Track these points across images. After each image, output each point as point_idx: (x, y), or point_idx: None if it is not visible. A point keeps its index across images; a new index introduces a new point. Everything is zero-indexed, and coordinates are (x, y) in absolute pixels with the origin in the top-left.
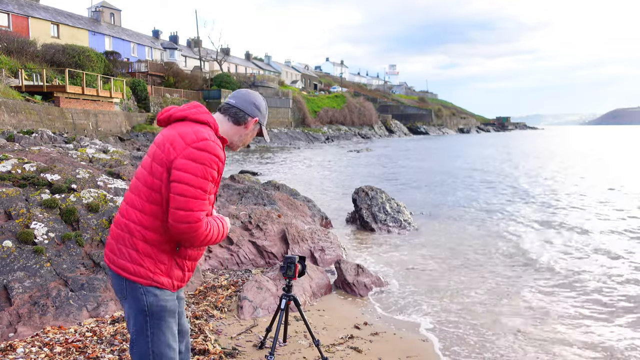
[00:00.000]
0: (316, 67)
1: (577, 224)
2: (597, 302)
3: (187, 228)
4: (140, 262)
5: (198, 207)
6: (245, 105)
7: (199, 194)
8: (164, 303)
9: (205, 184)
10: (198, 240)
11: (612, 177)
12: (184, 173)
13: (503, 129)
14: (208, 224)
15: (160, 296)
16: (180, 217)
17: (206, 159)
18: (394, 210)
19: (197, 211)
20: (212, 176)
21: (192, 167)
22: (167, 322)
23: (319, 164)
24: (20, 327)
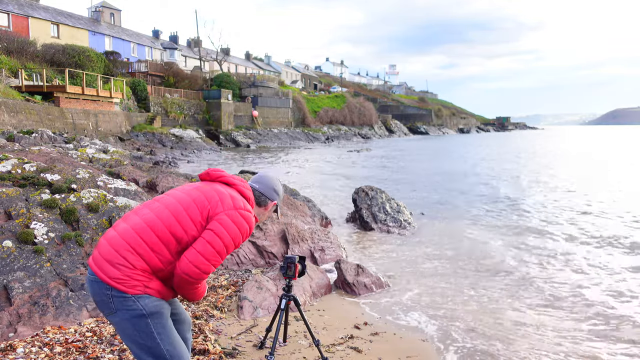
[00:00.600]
0: (316, 67)
1: (577, 224)
2: (603, 302)
3: (195, 273)
4: (134, 277)
5: (215, 261)
6: (267, 191)
7: (223, 251)
8: (159, 302)
9: (231, 246)
10: (190, 288)
11: (614, 180)
12: (222, 228)
13: (503, 129)
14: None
15: (151, 301)
16: (197, 261)
17: (243, 226)
18: (394, 210)
19: (211, 264)
20: (239, 243)
21: (230, 227)
22: (167, 320)
23: (319, 164)
24: (20, 327)
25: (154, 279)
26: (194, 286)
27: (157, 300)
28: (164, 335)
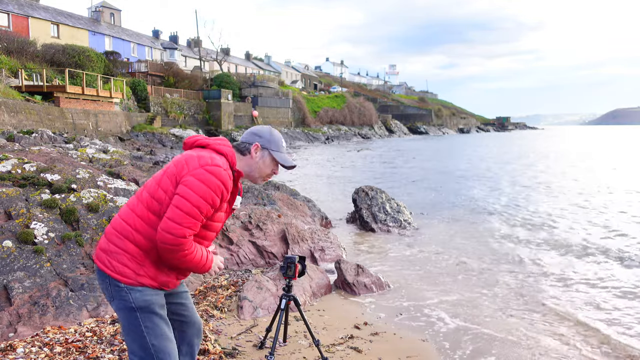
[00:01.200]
0: (316, 67)
1: (578, 223)
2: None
3: (170, 240)
4: (126, 263)
5: (188, 223)
6: (247, 137)
7: (194, 212)
8: (149, 297)
9: (204, 205)
10: (176, 256)
11: (613, 179)
12: (188, 189)
13: (503, 129)
14: (193, 246)
15: (142, 295)
16: (168, 227)
17: (212, 182)
18: (394, 210)
19: (185, 227)
20: (213, 201)
21: (197, 185)
22: (158, 315)
23: (319, 164)
24: (20, 327)
25: (147, 262)
26: (178, 254)
27: (149, 294)
28: (150, 330)
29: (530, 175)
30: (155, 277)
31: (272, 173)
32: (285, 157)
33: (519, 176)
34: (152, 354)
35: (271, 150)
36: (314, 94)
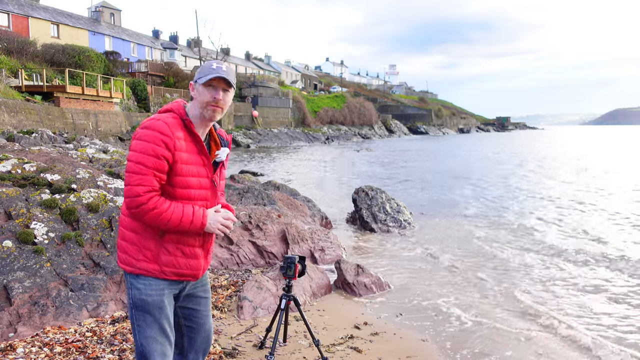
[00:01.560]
0: (316, 67)
1: (577, 223)
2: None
3: (129, 202)
4: (126, 251)
5: (136, 181)
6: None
7: (139, 169)
8: (146, 297)
9: (146, 159)
10: (146, 217)
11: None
12: (130, 152)
13: (503, 129)
14: (164, 204)
15: (143, 290)
16: (125, 193)
17: (148, 135)
18: (394, 210)
19: (135, 185)
20: (154, 151)
21: (135, 145)
22: (152, 316)
23: (319, 164)
24: (20, 327)
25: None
26: (147, 215)
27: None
28: (142, 328)
29: (531, 176)
30: (157, 258)
31: (213, 98)
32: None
33: (520, 177)
34: (139, 352)
35: (198, 80)
36: (314, 94)
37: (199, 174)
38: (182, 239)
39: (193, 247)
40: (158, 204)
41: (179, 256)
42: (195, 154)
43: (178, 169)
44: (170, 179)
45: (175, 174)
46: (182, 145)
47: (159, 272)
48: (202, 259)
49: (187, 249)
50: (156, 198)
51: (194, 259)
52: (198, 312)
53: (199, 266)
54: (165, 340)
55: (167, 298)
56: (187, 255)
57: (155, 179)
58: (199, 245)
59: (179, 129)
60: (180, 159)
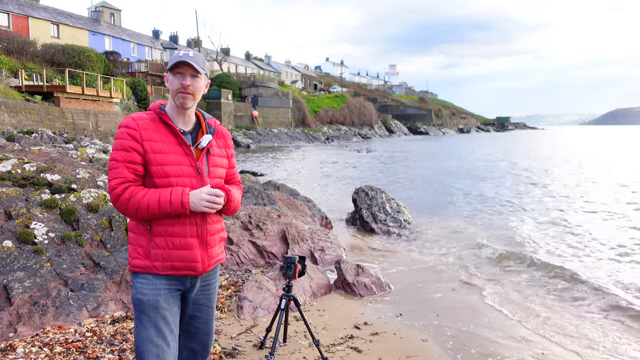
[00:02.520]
0: (316, 67)
1: (576, 222)
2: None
3: (111, 199)
4: (129, 251)
5: (111, 176)
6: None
7: (112, 165)
8: (141, 296)
9: (117, 153)
10: (126, 209)
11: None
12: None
13: (503, 129)
14: (135, 190)
15: (139, 289)
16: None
17: (118, 133)
18: (394, 210)
19: (110, 180)
20: (122, 145)
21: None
22: (148, 316)
23: (319, 164)
24: (20, 327)
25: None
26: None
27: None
28: (138, 328)
29: (531, 176)
30: (147, 253)
31: (181, 85)
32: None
33: (520, 176)
34: (136, 353)
35: (168, 68)
36: (314, 94)
37: (179, 163)
38: (171, 231)
39: (184, 237)
40: (134, 192)
41: (170, 249)
42: (174, 144)
43: (152, 159)
44: (147, 169)
45: (151, 163)
46: (152, 135)
47: (150, 267)
48: (199, 249)
49: (178, 240)
50: (132, 188)
51: (187, 249)
52: (198, 319)
53: (194, 257)
54: (162, 342)
55: (165, 298)
56: (178, 246)
57: (129, 170)
58: (193, 235)
59: (149, 121)
60: (152, 149)
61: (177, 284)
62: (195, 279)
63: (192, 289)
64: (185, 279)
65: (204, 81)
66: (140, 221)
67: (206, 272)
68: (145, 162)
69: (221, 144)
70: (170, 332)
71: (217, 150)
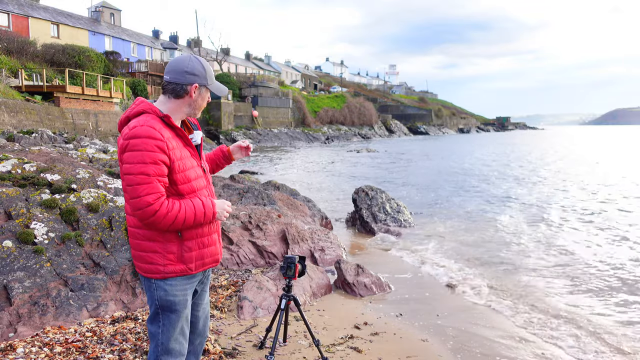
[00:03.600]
0: (316, 67)
1: (574, 222)
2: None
3: (141, 214)
4: (149, 261)
5: (145, 191)
6: (179, 77)
7: (142, 179)
8: (173, 298)
9: (146, 167)
10: (162, 223)
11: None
12: (125, 165)
13: (503, 129)
14: (171, 204)
15: (170, 291)
16: (134, 206)
17: (139, 143)
18: (394, 210)
19: (144, 196)
20: (153, 158)
21: (129, 156)
22: (178, 317)
23: (319, 164)
24: (20, 327)
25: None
26: (161, 221)
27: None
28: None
29: (531, 175)
30: (181, 257)
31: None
32: (220, 87)
33: (520, 176)
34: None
35: (208, 85)
36: (314, 94)
37: (192, 166)
38: (200, 232)
39: (210, 235)
40: (170, 207)
41: (201, 248)
42: (183, 147)
43: (176, 167)
44: (171, 178)
45: (175, 171)
46: (173, 144)
47: (186, 270)
48: (218, 243)
49: (206, 239)
50: (166, 202)
51: (212, 245)
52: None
53: (218, 251)
54: (184, 340)
55: (190, 296)
56: (207, 245)
57: (161, 184)
58: (215, 232)
59: (163, 128)
60: (175, 157)
61: (200, 278)
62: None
63: (204, 280)
64: (204, 271)
65: None
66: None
67: None
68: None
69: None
70: (188, 330)
71: (203, 144)
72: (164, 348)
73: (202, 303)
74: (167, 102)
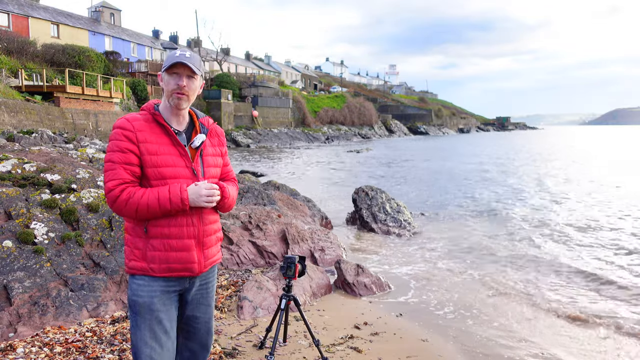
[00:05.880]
0: (316, 67)
1: (572, 220)
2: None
3: (107, 201)
4: (125, 252)
5: (108, 177)
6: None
7: (108, 166)
8: (136, 298)
9: (112, 155)
10: (125, 210)
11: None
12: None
13: (503, 129)
14: (133, 191)
15: (135, 290)
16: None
17: (113, 134)
18: (394, 210)
19: (107, 182)
20: (118, 146)
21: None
22: (143, 318)
23: (319, 164)
24: (20, 327)
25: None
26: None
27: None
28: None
29: (531, 176)
30: (144, 255)
31: (176, 85)
32: (170, 59)
33: (520, 176)
34: (132, 353)
35: (164, 69)
36: (314, 94)
37: (174, 164)
38: (167, 232)
39: (181, 239)
40: (131, 193)
41: (167, 251)
42: (169, 145)
43: (147, 161)
44: (143, 172)
45: (147, 165)
46: (148, 137)
47: (147, 269)
48: (196, 251)
49: (175, 242)
50: (129, 189)
51: (184, 251)
52: (197, 319)
53: (191, 259)
54: (156, 344)
55: (160, 299)
56: (176, 248)
57: (126, 172)
58: (190, 237)
59: (143, 123)
60: (147, 150)
61: (175, 284)
62: (194, 278)
63: (190, 289)
64: (184, 279)
65: (199, 82)
66: (137, 223)
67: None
68: (141, 164)
69: (215, 142)
70: (164, 333)
71: (211, 150)
72: (135, 349)
73: (201, 316)
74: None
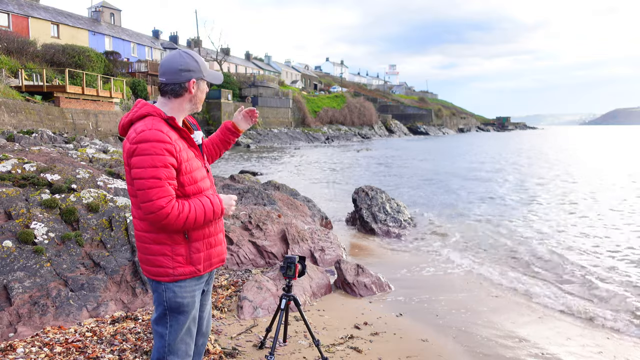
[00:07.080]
0: (316, 67)
1: (571, 220)
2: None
3: (154, 218)
4: (158, 264)
5: (156, 195)
6: (176, 77)
7: (154, 183)
8: (181, 300)
9: (157, 171)
10: (174, 225)
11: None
12: (135, 169)
13: (503, 129)
14: (181, 206)
15: (179, 293)
16: (146, 210)
17: (149, 148)
18: (394, 210)
19: (156, 200)
20: (163, 161)
21: (138, 160)
22: (186, 317)
23: (319, 164)
24: (20, 327)
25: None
26: (174, 223)
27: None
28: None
29: (532, 176)
30: (190, 259)
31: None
32: (215, 74)
33: (520, 176)
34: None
35: (204, 77)
36: (314, 94)
37: (198, 167)
38: (207, 233)
39: (217, 234)
40: (180, 208)
41: (208, 249)
42: (189, 148)
43: (183, 169)
44: (178, 180)
45: (182, 173)
46: (180, 145)
47: (195, 271)
48: (224, 242)
49: (213, 240)
50: (177, 204)
51: (219, 245)
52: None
53: (224, 250)
54: (190, 341)
55: (198, 296)
56: (214, 244)
57: (171, 187)
58: (220, 231)
59: (170, 131)
60: (182, 158)
61: (204, 281)
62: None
63: (210, 280)
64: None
65: None
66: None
67: None
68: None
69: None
70: (195, 328)
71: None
72: (171, 348)
73: (206, 303)
74: (167, 102)
